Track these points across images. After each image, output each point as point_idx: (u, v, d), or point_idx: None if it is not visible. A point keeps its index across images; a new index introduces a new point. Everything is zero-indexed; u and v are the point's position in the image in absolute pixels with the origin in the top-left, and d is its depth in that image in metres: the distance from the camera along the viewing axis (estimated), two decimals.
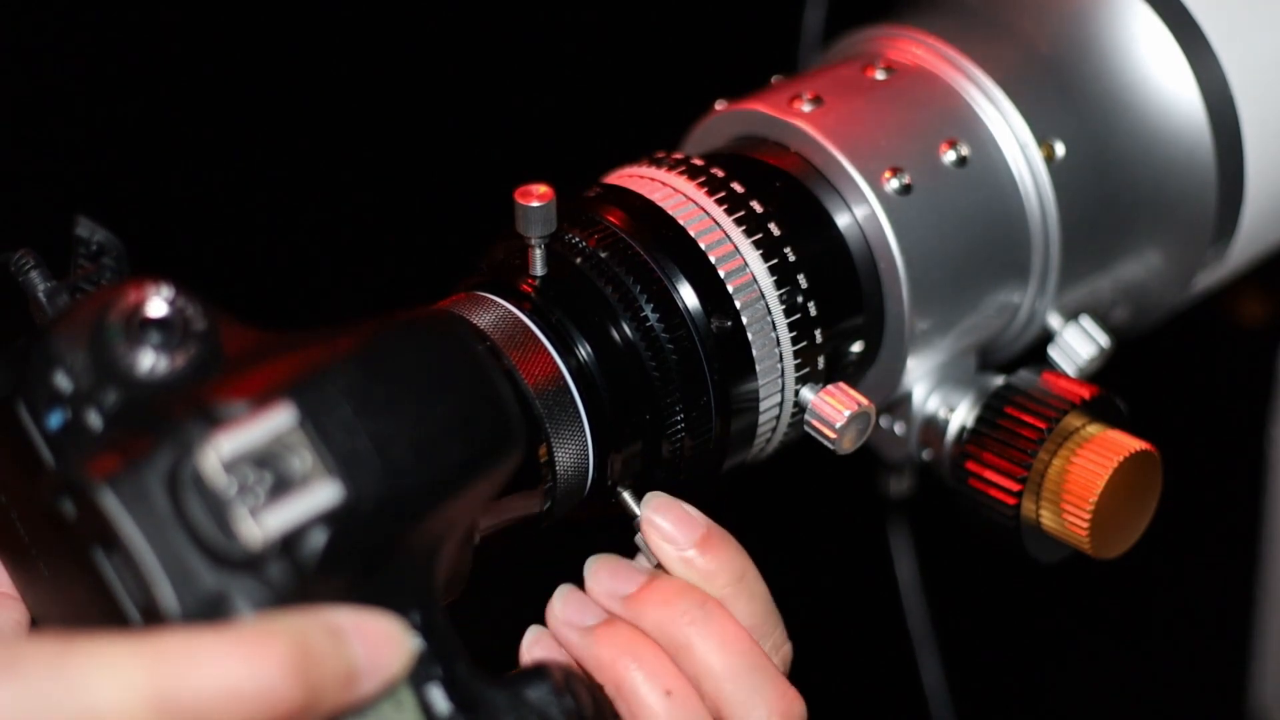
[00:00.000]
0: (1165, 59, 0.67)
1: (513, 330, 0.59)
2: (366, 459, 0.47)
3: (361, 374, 0.48)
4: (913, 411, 0.68)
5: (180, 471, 0.45)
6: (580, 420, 0.58)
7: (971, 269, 0.66)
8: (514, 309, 0.59)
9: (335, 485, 0.46)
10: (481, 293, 0.60)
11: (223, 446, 0.45)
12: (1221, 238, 0.69)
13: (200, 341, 0.47)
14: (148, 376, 0.47)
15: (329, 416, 0.47)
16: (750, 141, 0.67)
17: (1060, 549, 0.67)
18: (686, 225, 0.62)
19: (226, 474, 0.45)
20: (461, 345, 0.51)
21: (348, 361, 0.48)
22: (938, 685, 0.87)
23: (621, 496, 0.62)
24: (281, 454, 0.46)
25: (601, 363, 0.60)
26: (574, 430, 0.58)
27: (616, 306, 0.60)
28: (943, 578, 0.86)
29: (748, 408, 0.63)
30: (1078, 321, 0.69)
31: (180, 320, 0.47)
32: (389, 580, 0.48)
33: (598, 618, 0.59)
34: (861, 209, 0.65)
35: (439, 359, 0.50)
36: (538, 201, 0.59)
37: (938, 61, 0.68)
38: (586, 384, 0.59)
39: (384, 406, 0.48)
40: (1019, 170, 0.67)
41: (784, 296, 0.63)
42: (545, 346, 0.58)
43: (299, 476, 0.46)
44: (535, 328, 0.59)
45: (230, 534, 0.45)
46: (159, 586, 0.45)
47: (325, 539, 0.46)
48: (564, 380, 0.58)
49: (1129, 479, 0.65)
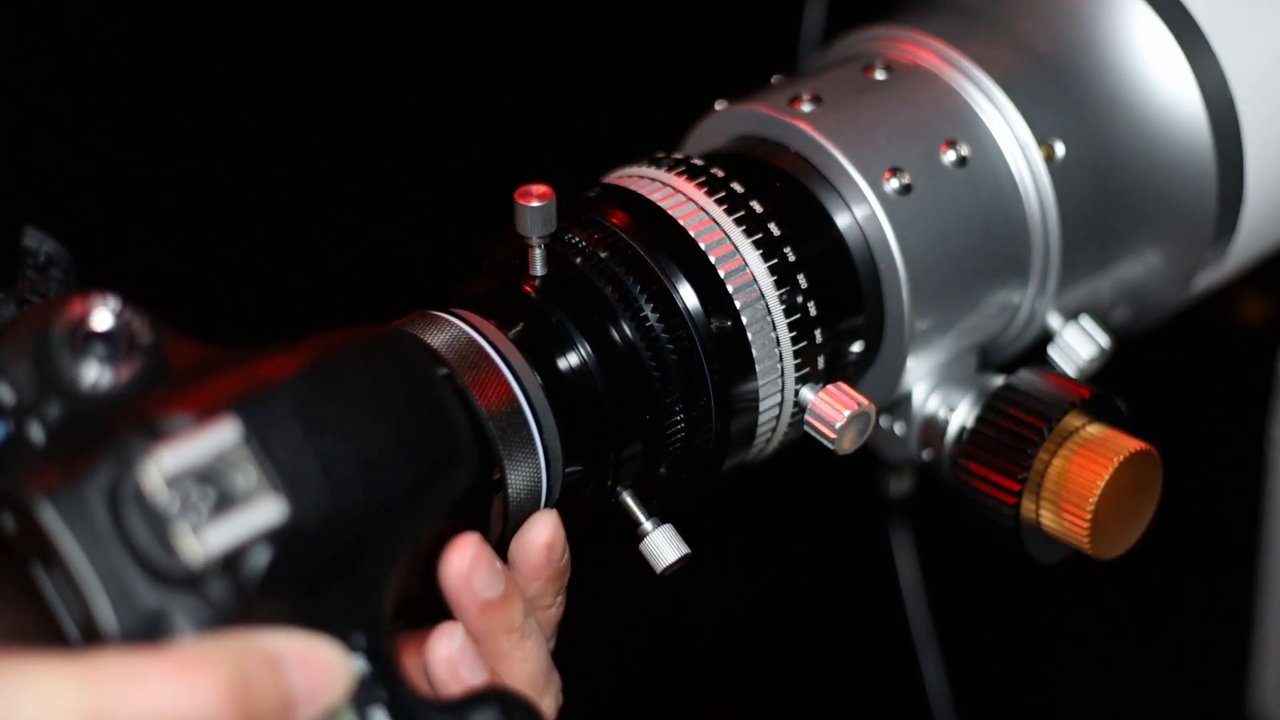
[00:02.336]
0: (1165, 59, 0.67)
1: (466, 350, 0.58)
2: (312, 477, 0.46)
3: (309, 391, 0.47)
4: (913, 411, 0.68)
5: (121, 487, 0.44)
6: (534, 442, 0.57)
7: (971, 269, 0.66)
8: (468, 329, 0.58)
9: (280, 503, 0.45)
10: (436, 312, 0.59)
11: (165, 461, 0.44)
12: (1221, 238, 0.69)
13: (145, 355, 0.46)
14: (91, 390, 0.46)
15: (275, 433, 0.46)
16: (750, 141, 0.67)
17: (1060, 549, 0.67)
18: (686, 225, 0.62)
19: (168, 490, 0.44)
20: (411, 363, 0.50)
21: (295, 378, 0.47)
22: (939, 685, 0.87)
23: (622, 498, 0.62)
24: (225, 470, 0.45)
25: (601, 363, 0.60)
26: (527, 452, 0.57)
27: (616, 306, 0.60)
28: (943, 578, 0.86)
29: (748, 408, 0.62)
30: (1078, 321, 0.69)
31: (125, 333, 0.46)
32: (334, 600, 0.47)
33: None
34: (861, 209, 0.65)
35: (388, 377, 0.49)
36: (538, 201, 0.59)
37: (938, 61, 0.68)
38: (554, 400, 0.58)
39: (331, 424, 0.47)
40: (1019, 170, 0.67)
41: (784, 296, 0.63)
42: (499, 367, 0.57)
43: (243, 493, 0.45)
44: (489, 347, 0.58)
45: (171, 551, 0.44)
46: (98, 604, 0.44)
47: (268, 558, 0.45)
48: (517, 402, 0.57)
49: (1129, 479, 0.65)
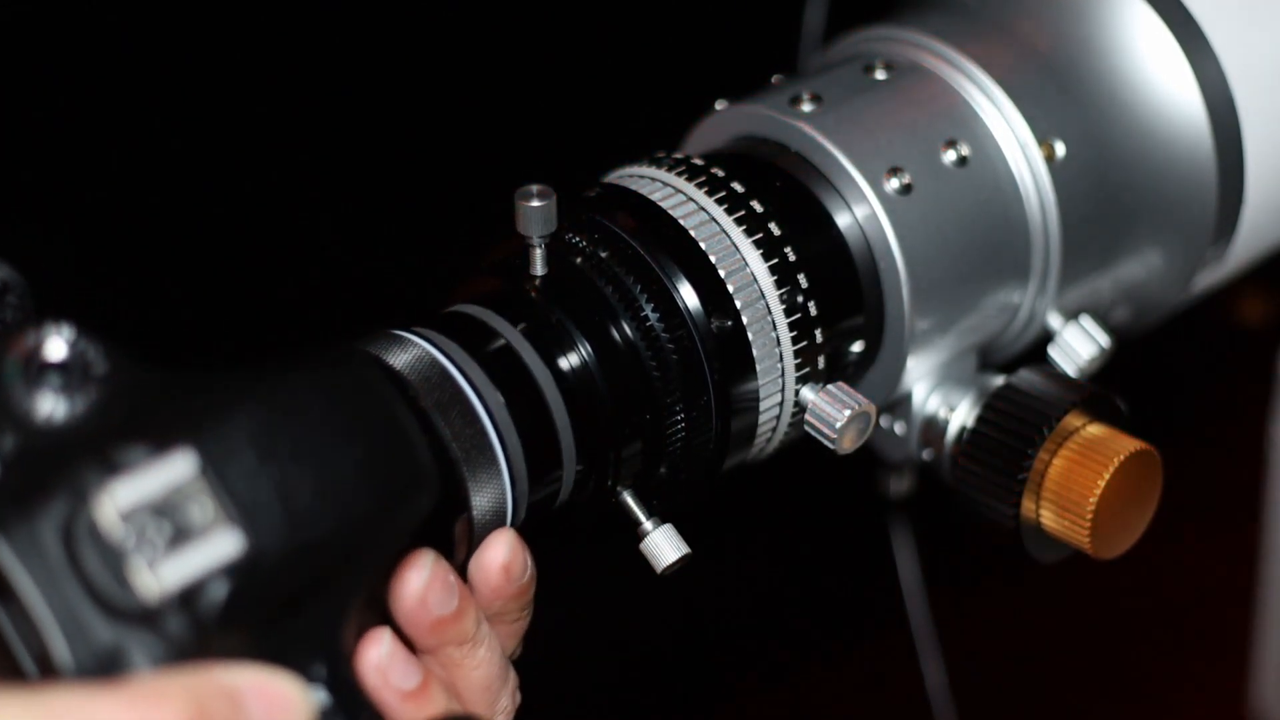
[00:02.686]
0: (1165, 59, 0.67)
1: (429, 372, 0.57)
2: (270, 508, 0.45)
3: (266, 418, 0.46)
4: (913, 411, 0.68)
5: (75, 521, 0.44)
6: (498, 463, 0.57)
7: (972, 269, 0.66)
8: (431, 349, 0.57)
9: (237, 535, 0.45)
10: (398, 331, 0.58)
11: (119, 495, 0.44)
12: (1221, 238, 0.69)
13: (100, 385, 0.46)
14: (46, 421, 0.45)
15: (231, 463, 0.45)
16: (750, 141, 0.67)
17: (1060, 549, 0.67)
18: (686, 225, 0.62)
19: (123, 523, 0.44)
20: (369, 387, 0.49)
21: (251, 405, 0.46)
22: (939, 685, 0.87)
23: (622, 498, 0.62)
24: (181, 503, 0.44)
25: (601, 363, 0.60)
26: (491, 473, 0.57)
27: (617, 306, 0.60)
28: (943, 578, 0.86)
29: (748, 408, 0.62)
30: (1078, 321, 0.69)
31: (80, 363, 0.46)
32: (293, 631, 0.47)
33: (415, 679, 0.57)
34: (862, 209, 0.65)
35: (347, 402, 0.48)
36: (538, 201, 0.59)
37: (938, 61, 0.68)
38: (517, 418, 0.57)
39: (289, 453, 0.46)
40: (1019, 170, 0.67)
41: (784, 296, 0.63)
42: (461, 388, 0.57)
43: (199, 526, 0.44)
44: (452, 367, 0.57)
45: (126, 587, 0.43)
46: (52, 639, 0.43)
47: (226, 591, 0.44)
48: (480, 423, 0.56)
49: (1129, 479, 0.65)
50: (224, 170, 1.15)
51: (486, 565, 0.56)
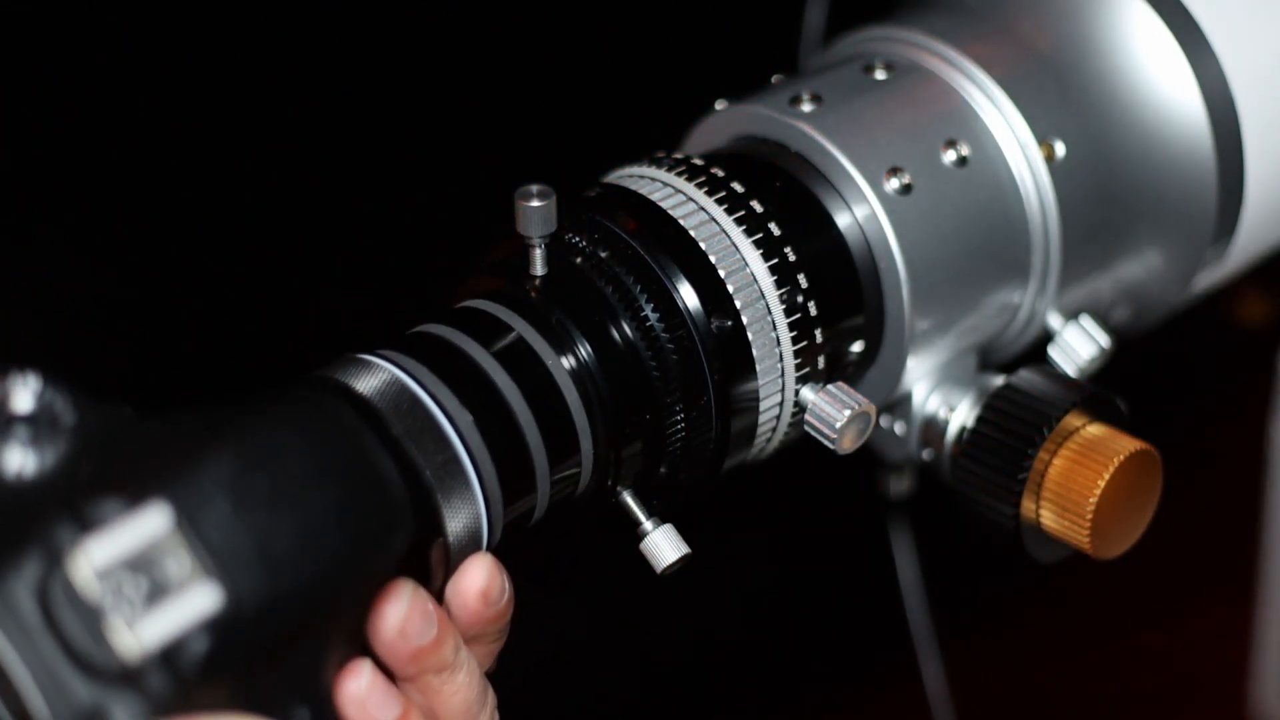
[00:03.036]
0: (1165, 59, 0.67)
1: (398, 397, 0.56)
2: (247, 558, 0.45)
3: (238, 465, 0.46)
4: (913, 411, 0.68)
5: (51, 580, 0.43)
6: (471, 486, 0.56)
7: (972, 269, 0.66)
8: (398, 372, 0.56)
9: (215, 589, 0.44)
10: (364, 355, 0.57)
11: (94, 553, 0.43)
12: (1221, 238, 0.69)
13: (69, 436, 0.45)
14: (15, 476, 0.44)
15: (205, 514, 0.45)
16: (750, 141, 0.67)
17: (1060, 549, 0.67)
18: (686, 225, 0.62)
19: (99, 582, 0.43)
20: (340, 426, 0.49)
21: (223, 452, 0.46)
22: (938, 685, 0.87)
23: (623, 498, 0.62)
24: (157, 558, 0.44)
25: (601, 363, 0.60)
26: (466, 496, 0.56)
27: (616, 306, 0.60)
28: (943, 578, 0.86)
29: (748, 408, 0.62)
30: (1078, 321, 0.69)
31: (48, 415, 0.45)
32: (275, 678, 0.46)
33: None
34: (862, 209, 0.65)
35: (318, 443, 0.48)
36: (538, 201, 0.59)
37: (938, 62, 0.68)
38: (488, 437, 0.56)
39: (263, 499, 0.46)
40: (1019, 170, 0.67)
41: (784, 296, 0.63)
42: (431, 412, 0.56)
43: (176, 581, 0.44)
44: (421, 390, 0.56)
45: (105, 646, 0.43)
46: (32, 700, 0.43)
47: (206, 646, 0.44)
48: (453, 447, 0.55)
49: (1129, 479, 0.65)
50: (223, 171, 1.15)
51: (464, 591, 0.56)
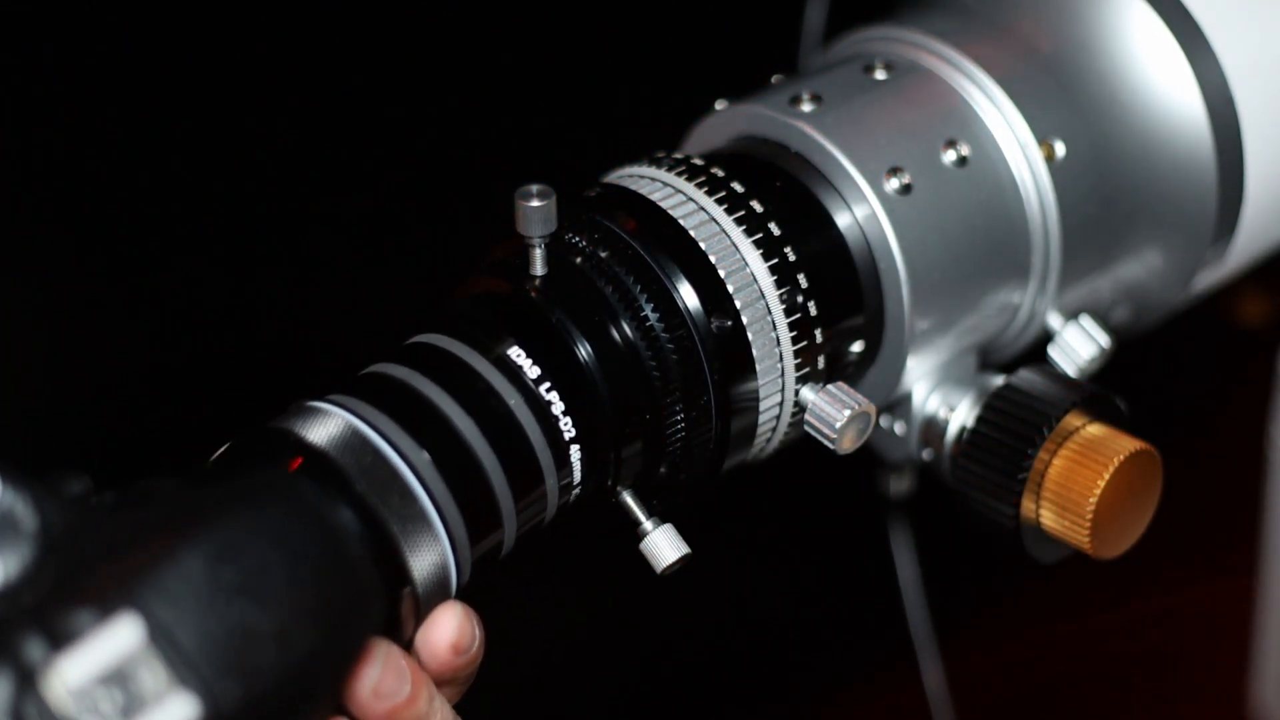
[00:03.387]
0: (1165, 59, 0.67)
1: (359, 450, 0.54)
2: (222, 665, 0.44)
3: (206, 568, 0.45)
4: (913, 411, 0.68)
5: (24, 701, 0.42)
6: (435, 531, 0.55)
7: (972, 269, 0.66)
8: (352, 419, 0.55)
9: (191, 699, 0.43)
10: (315, 404, 0.56)
11: (67, 672, 0.42)
12: (1221, 238, 0.69)
13: (33, 542, 0.44)
14: None
15: (178, 621, 0.44)
16: (750, 141, 0.67)
17: (1060, 549, 0.67)
18: (686, 225, 0.62)
19: (74, 700, 0.42)
20: (306, 514, 0.48)
21: (190, 554, 0.45)
22: (938, 685, 0.87)
23: (623, 498, 0.62)
24: (131, 671, 0.43)
25: (601, 363, 0.60)
26: (430, 542, 0.55)
27: (617, 306, 0.60)
28: (943, 578, 0.86)
29: (748, 408, 0.62)
30: (1078, 321, 0.70)
31: (9, 521, 0.44)
32: None
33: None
34: (862, 209, 0.65)
35: (285, 536, 0.47)
36: (538, 201, 0.59)
37: (938, 61, 0.68)
38: (446, 474, 0.55)
39: (235, 601, 0.45)
40: (1019, 170, 0.67)
41: (784, 296, 0.63)
42: (392, 462, 0.54)
43: (152, 693, 0.43)
44: (376, 436, 0.55)
45: None
46: None
47: None
48: (414, 496, 0.54)
49: (1129, 479, 0.65)
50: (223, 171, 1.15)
51: (435, 644, 0.56)
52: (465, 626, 0.56)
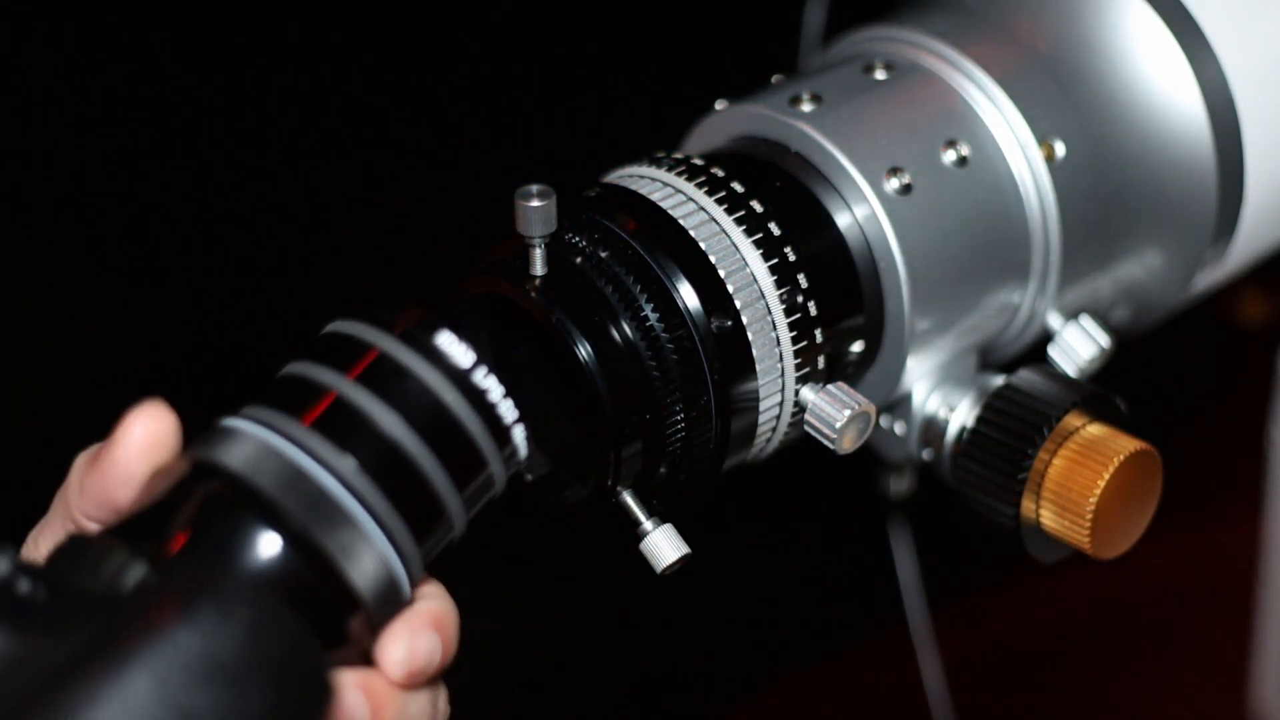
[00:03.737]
0: (1165, 59, 0.67)
1: (277, 468, 0.52)
2: None
3: (148, 706, 0.44)
4: (913, 411, 0.68)
5: None
6: (370, 538, 0.53)
7: (972, 269, 0.66)
8: (267, 434, 0.53)
9: None
10: (229, 422, 0.54)
11: None
12: (1221, 238, 0.69)
13: None
14: None
15: None
16: (750, 141, 0.67)
17: (1060, 549, 0.67)
18: (686, 225, 0.62)
19: None
20: (248, 619, 0.46)
21: (134, 687, 0.43)
22: (937, 685, 0.87)
23: (622, 498, 0.62)
24: None
25: (602, 363, 0.60)
26: (365, 549, 0.53)
27: (617, 306, 0.60)
28: (943, 578, 0.86)
29: (748, 408, 0.62)
30: (1078, 321, 0.69)
31: None
32: None
33: None
34: (862, 209, 0.65)
35: (225, 644, 0.46)
36: (538, 201, 0.59)
37: (938, 61, 0.68)
38: (377, 475, 0.53)
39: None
40: (1019, 170, 0.67)
41: (784, 296, 0.63)
42: (312, 478, 0.52)
43: None
44: (294, 449, 0.52)
45: None
46: None
47: None
48: (341, 508, 0.52)
49: (1129, 479, 0.65)
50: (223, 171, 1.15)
51: (389, 669, 0.54)
52: (418, 643, 0.54)
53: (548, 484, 0.64)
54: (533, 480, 0.65)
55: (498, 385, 0.55)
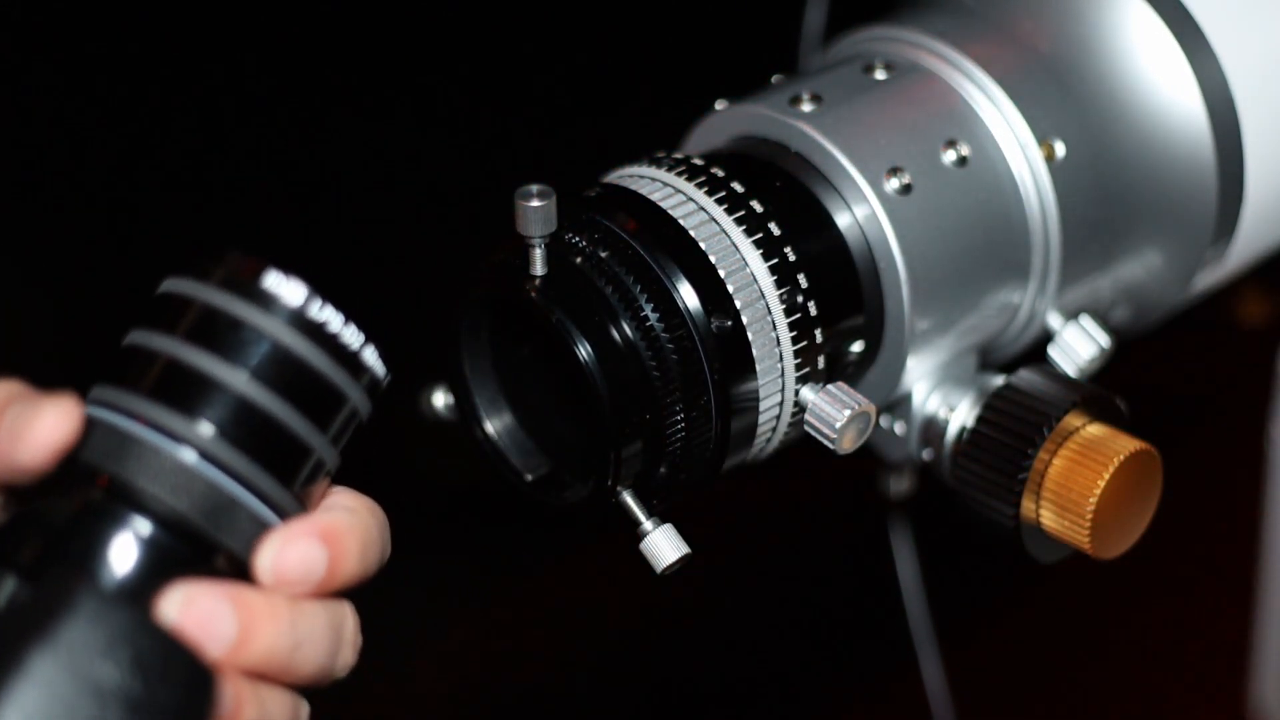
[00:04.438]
0: (1165, 59, 0.67)
1: (120, 446, 0.52)
2: None
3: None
4: (913, 411, 0.68)
5: None
6: (257, 514, 0.52)
7: (972, 269, 0.66)
8: (111, 415, 0.52)
9: None
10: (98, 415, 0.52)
11: None
12: (1221, 238, 0.69)
13: None
14: None
15: None
16: (750, 141, 0.67)
17: (1060, 549, 0.67)
18: (686, 225, 0.62)
19: None
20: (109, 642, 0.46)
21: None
22: (938, 685, 0.87)
23: (623, 498, 0.62)
24: None
25: (602, 363, 0.60)
26: (251, 521, 0.52)
27: (617, 306, 0.60)
28: (943, 578, 0.86)
29: (748, 408, 0.62)
30: (1078, 321, 0.69)
31: None
32: None
33: None
34: (862, 209, 0.65)
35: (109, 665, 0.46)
36: (538, 201, 0.59)
37: (938, 61, 0.68)
38: (230, 437, 0.52)
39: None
40: (1019, 170, 0.67)
41: (784, 296, 0.63)
42: (152, 444, 0.51)
43: None
44: (144, 430, 0.52)
45: None
46: None
47: None
48: (215, 485, 0.52)
49: (1129, 479, 0.65)
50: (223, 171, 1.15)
51: (260, 574, 0.53)
52: (289, 552, 0.53)
53: (548, 484, 0.64)
54: (533, 480, 0.65)
55: (335, 314, 0.54)
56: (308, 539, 0.53)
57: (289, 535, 0.53)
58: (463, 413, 0.65)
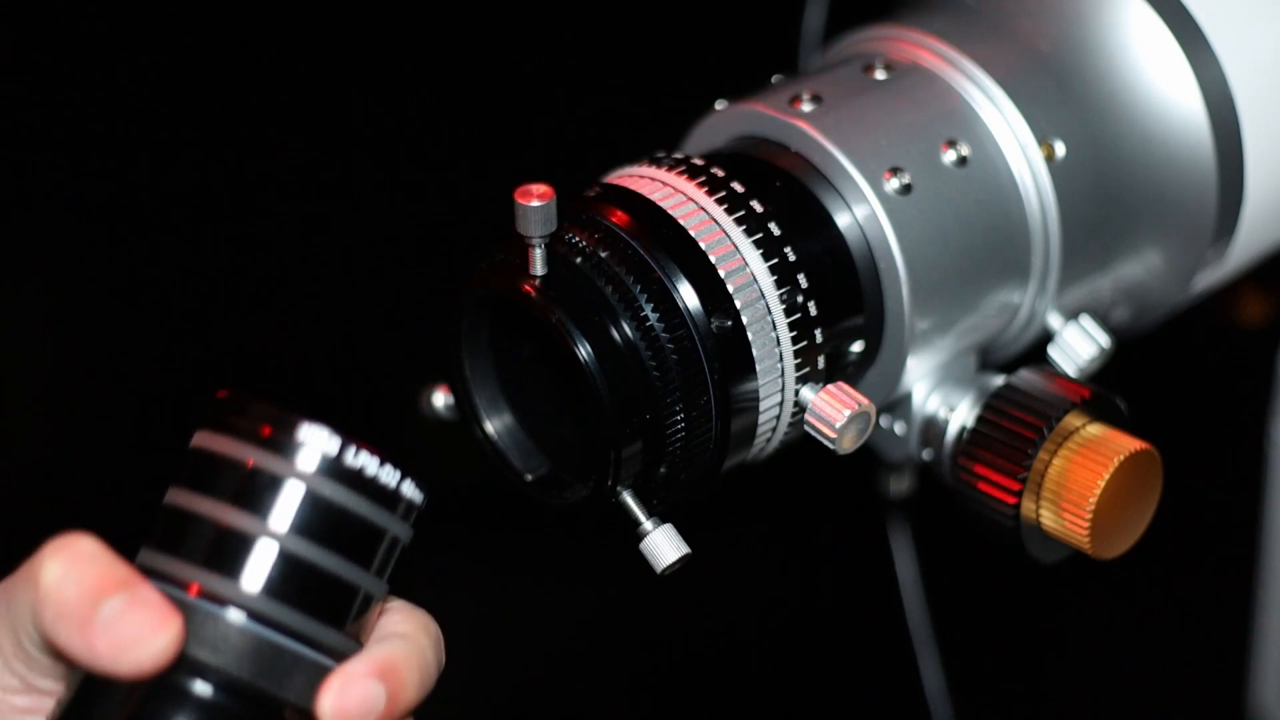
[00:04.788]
0: (1165, 59, 0.67)
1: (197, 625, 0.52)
2: None
3: None
4: (913, 411, 0.68)
5: None
6: (312, 663, 0.53)
7: (972, 269, 0.66)
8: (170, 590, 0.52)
9: None
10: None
11: None
12: (1221, 238, 0.69)
13: None
14: None
15: None
16: (750, 141, 0.67)
17: (1060, 549, 0.67)
18: (686, 225, 0.62)
19: None
20: None
21: None
22: (938, 685, 0.87)
23: (623, 498, 0.62)
24: None
25: (602, 363, 0.60)
26: (311, 672, 0.53)
27: (617, 306, 0.60)
28: (943, 578, 0.86)
29: (748, 408, 0.62)
30: (1078, 321, 0.69)
31: None
32: None
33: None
34: (862, 209, 0.65)
35: None
36: (538, 201, 0.59)
37: (938, 61, 0.68)
38: (281, 595, 0.52)
39: None
40: (1019, 170, 0.67)
41: (784, 296, 0.63)
42: (214, 614, 0.52)
43: None
44: (199, 602, 0.52)
45: None
46: None
47: None
48: (248, 633, 0.52)
49: (1129, 479, 0.65)
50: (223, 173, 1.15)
51: (337, 717, 0.53)
52: (349, 695, 0.54)
53: (548, 484, 0.65)
54: (533, 480, 0.65)
55: (370, 456, 0.54)
56: (364, 680, 0.54)
57: (347, 679, 0.54)
58: (463, 413, 0.65)
